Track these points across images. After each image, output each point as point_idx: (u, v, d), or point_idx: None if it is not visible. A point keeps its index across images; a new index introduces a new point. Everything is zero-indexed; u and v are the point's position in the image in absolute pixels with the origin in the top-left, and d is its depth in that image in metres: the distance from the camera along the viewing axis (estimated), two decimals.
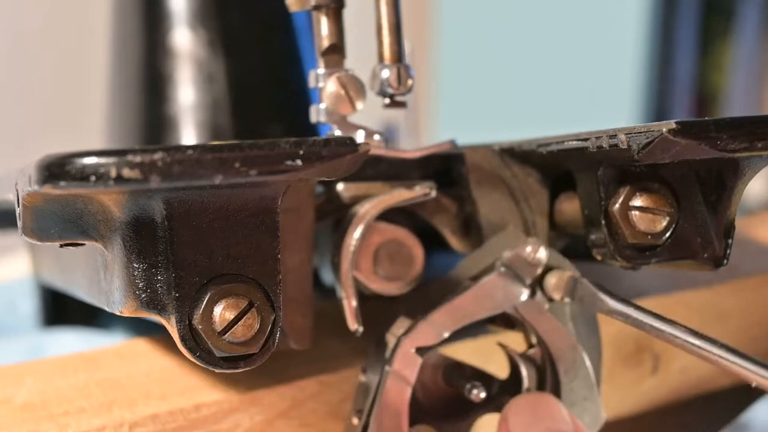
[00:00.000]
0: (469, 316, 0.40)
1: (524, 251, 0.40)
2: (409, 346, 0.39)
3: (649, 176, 0.39)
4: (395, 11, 0.44)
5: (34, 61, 1.35)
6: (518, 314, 0.40)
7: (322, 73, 0.44)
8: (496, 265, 0.40)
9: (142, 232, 0.33)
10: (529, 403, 0.39)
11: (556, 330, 0.41)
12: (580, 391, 0.41)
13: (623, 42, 1.55)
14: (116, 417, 0.39)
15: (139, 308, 0.33)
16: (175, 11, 0.64)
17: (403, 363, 0.39)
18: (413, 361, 0.39)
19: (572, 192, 0.42)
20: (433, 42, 1.77)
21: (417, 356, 0.39)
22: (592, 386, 0.41)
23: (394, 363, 0.39)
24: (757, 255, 0.60)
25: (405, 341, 0.39)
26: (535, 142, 0.42)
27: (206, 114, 0.63)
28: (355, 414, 0.40)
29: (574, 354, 0.41)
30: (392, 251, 0.43)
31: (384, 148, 0.43)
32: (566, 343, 0.41)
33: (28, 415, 0.39)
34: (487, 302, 0.40)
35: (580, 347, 0.41)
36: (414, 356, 0.39)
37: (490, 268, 0.40)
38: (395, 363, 0.39)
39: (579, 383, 0.41)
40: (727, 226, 0.40)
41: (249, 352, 0.33)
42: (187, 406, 0.40)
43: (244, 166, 0.30)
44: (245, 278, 0.33)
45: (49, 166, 0.29)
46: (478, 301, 0.40)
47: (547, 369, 0.41)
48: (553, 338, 0.41)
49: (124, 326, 0.62)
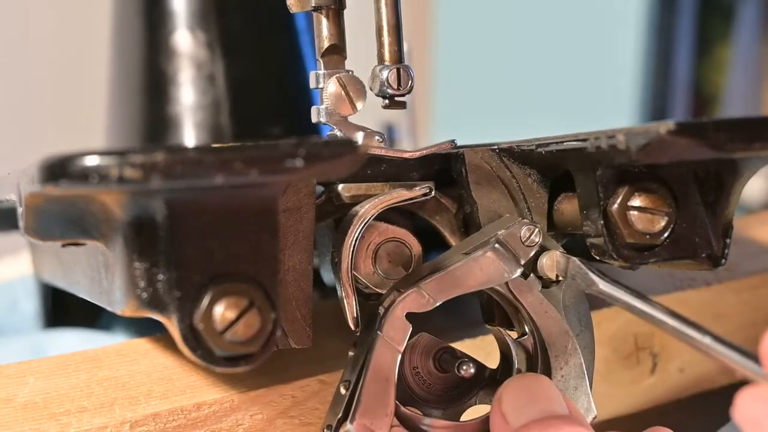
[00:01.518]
0: (459, 287, 0.40)
1: (519, 231, 0.40)
2: (399, 312, 0.39)
3: (648, 176, 0.39)
4: (395, 12, 0.45)
5: (36, 62, 1.35)
6: (510, 293, 0.41)
7: (323, 74, 0.44)
8: (490, 241, 0.40)
9: (144, 232, 0.33)
10: (524, 384, 0.39)
11: (548, 312, 0.41)
12: (570, 380, 0.41)
13: (622, 43, 1.55)
14: (117, 416, 0.39)
15: (140, 308, 0.33)
16: (175, 13, 0.64)
17: (393, 327, 0.39)
18: (403, 326, 0.39)
19: (571, 192, 0.42)
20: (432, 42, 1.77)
21: (407, 322, 0.39)
22: (584, 377, 0.41)
23: (384, 327, 0.39)
24: (756, 255, 0.60)
25: (395, 306, 0.39)
26: (534, 143, 0.42)
27: (206, 114, 0.64)
28: (343, 384, 0.40)
29: (565, 340, 0.41)
30: (392, 251, 0.43)
31: (384, 149, 0.43)
32: (557, 328, 0.41)
33: (29, 414, 0.39)
34: (479, 275, 0.40)
35: (572, 333, 0.41)
36: (404, 321, 0.39)
37: (485, 244, 0.41)
38: (385, 327, 0.39)
39: (570, 371, 0.41)
40: (726, 226, 0.40)
41: (249, 351, 0.33)
42: (188, 405, 0.40)
43: (244, 166, 0.30)
44: (246, 278, 0.33)
45: (51, 166, 0.29)
46: (470, 273, 0.40)
47: (538, 357, 0.42)
48: (545, 321, 0.41)
49: (125, 325, 0.62)
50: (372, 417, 0.38)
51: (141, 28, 0.66)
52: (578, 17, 1.60)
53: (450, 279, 0.40)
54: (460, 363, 0.41)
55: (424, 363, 0.42)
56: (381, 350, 0.39)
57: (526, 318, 0.41)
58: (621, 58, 1.56)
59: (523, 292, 0.41)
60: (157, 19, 0.65)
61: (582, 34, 1.60)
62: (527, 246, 0.40)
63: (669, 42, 1.60)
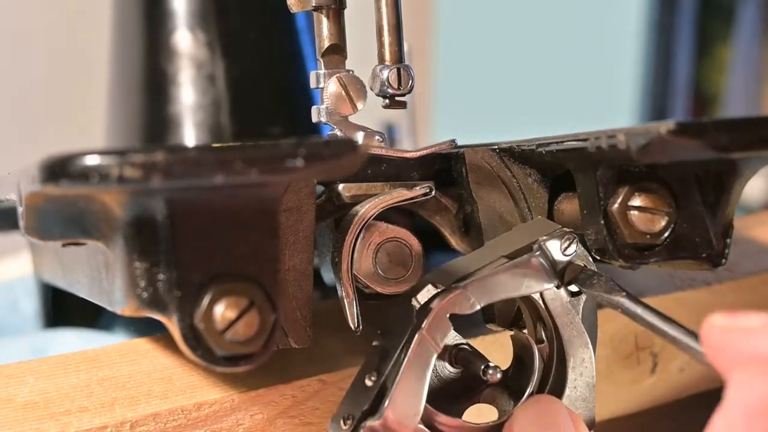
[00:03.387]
0: (503, 292, 0.39)
1: (561, 239, 0.40)
2: (442, 311, 0.38)
3: (648, 176, 0.39)
4: (395, 12, 0.45)
5: (36, 61, 1.35)
6: (542, 302, 0.40)
7: (323, 74, 0.44)
8: (534, 248, 0.40)
9: (144, 232, 0.33)
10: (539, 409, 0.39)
11: (574, 325, 0.41)
12: (581, 391, 0.41)
13: (622, 43, 1.55)
14: (118, 416, 0.39)
15: (141, 307, 0.33)
16: (176, 13, 0.64)
17: (435, 328, 0.38)
18: (444, 327, 0.38)
19: (571, 192, 0.42)
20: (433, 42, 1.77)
21: (449, 322, 0.38)
22: (593, 389, 0.41)
23: (425, 326, 0.38)
24: (756, 254, 0.60)
25: (440, 306, 0.38)
26: (534, 143, 0.42)
27: (206, 114, 0.64)
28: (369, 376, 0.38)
29: (584, 353, 0.41)
30: (392, 251, 0.43)
31: (384, 148, 0.43)
32: (580, 340, 0.41)
33: (30, 414, 0.39)
34: (521, 282, 0.39)
35: (591, 348, 0.41)
36: (447, 322, 0.38)
37: (527, 249, 0.40)
38: (427, 326, 0.38)
39: (582, 383, 0.41)
40: (726, 226, 0.40)
41: (250, 351, 0.33)
42: (189, 405, 0.40)
43: (245, 166, 0.30)
44: (246, 277, 0.33)
45: (51, 166, 0.29)
46: (513, 279, 0.39)
47: (552, 366, 0.41)
48: (569, 332, 0.41)
49: (126, 325, 0.62)
50: (401, 415, 0.37)
51: (141, 28, 0.66)
52: (578, 17, 1.60)
53: (495, 284, 0.39)
54: (486, 367, 0.40)
55: (440, 355, 0.42)
56: (420, 348, 0.37)
57: (549, 326, 0.41)
58: (621, 58, 1.56)
59: (554, 302, 0.40)
60: (157, 18, 0.65)
61: (582, 34, 1.60)
62: (565, 255, 0.40)
63: (669, 42, 1.60)
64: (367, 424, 0.37)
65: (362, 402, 0.38)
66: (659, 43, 1.59)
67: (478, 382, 0.42)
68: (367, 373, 0.39)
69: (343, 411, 0.39)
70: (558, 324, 0.41)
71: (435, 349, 0.38)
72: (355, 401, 0.38)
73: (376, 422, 0.37)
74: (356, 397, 0.39)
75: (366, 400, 0.38)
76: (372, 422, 0.37)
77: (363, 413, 0.37)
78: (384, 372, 0.38)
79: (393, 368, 0.38)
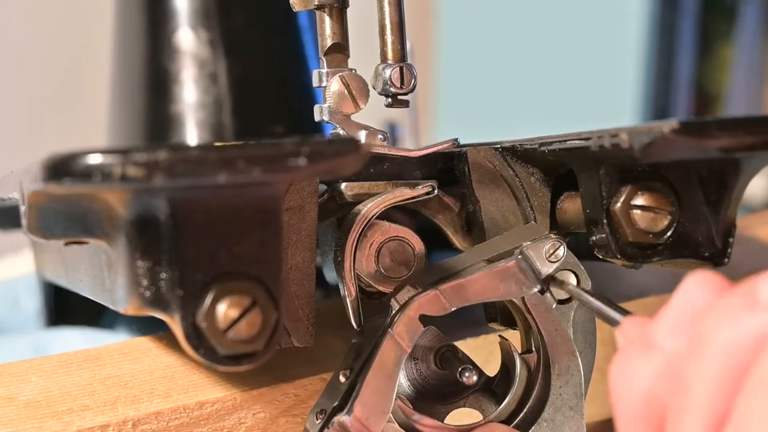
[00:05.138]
0: (478, 296, 0.39)
1: (545, 245, 0.40)
2: (413, 312, 0.38)
3: (651, 175, 0.39)
4: (398, 11, 0.45)
5: (38, 60, 1.35)
6: (525, 307, 0.40)
7: (326, 73, 0.44)
8: (514, 252, 0.40)
9: (146, 231, 0.33)
10: None
11: (559, 332, 0.41)
12: (568, 398, 0.41)
13: (624, 42, 1.55)
14: (120, 414, 0.39)
15: (143, 306, 0.33)
16: (178, 11, 0.64)
17: (405, 327, 0.38)
18: (414, 327, 0.38)
19: (574, 191, 0.42)
20: (435, 41, 1.77)
21: (419, 323, 0.38)
22: (581, 398, 0.41)
23: (395, 325, 0.38)
24: (758, 253, 0.60)
25: (410, 306, 0.38)
26: (537, 141, 0.42)
27: (209, 113, 0.64)
28: (342, 372, 0.39)
29: (570, 360, 0.41)
30: (394, 249, 0.43)
31: (387, 147, 0.43)
32: (565, 348, 0.41)
33: (32, 413, 0.39)
34: (499, 286, 0.39)
35: (578, 355, 0.41)
36: (416, 322, 0.38)
37: (508, 254, 0.40)
38: (397, 326, 0.38)
39: (569, 390, 0.41)
40: (728, 225, 0.40)
41: (252, 349, 0.33)
42: (191, 404, 0.40)
43: (247, 165, 0.30)
44: (249, 277, 0.33)
45: (54, 164, 0.29)
46: (490, 284, 0.39)
47: (539, 374, 0.41)
48: (553, 339, 0.41)
49: (128, 324, 0.62)
50: (369, 412, 0.37)
51: (143, 27, 0.66)
52: (580, 16, 1.60)
53: (470, 287, 0.39)
54: (463, 369, 0.41)
55: (425, 356, 0.42)
56: (388, 347, 0.38)
57: (535, 334, 0.41)
58: (623, 57, 1.56)
59: (536, 308, 0.40)
60: (159, 17, 0.65)
61: (584, 33, 1.60)
62: (550, 261, 0.40)
63: (671, 41, 1.60)
64: (337, 420, 0.37)
65: (334, 397, 0.38)
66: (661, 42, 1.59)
67: (465, 387, 0.42)
68: (342, 369, 0.39)
69: (317, 406, 0.39)
70: (542, 330, 0.41)
71: (404, 349, 0.38)
72: (328, 396, 0.39)
73: (345, 418, 0.37)
74: (330, 392, 0.39)
75: (338, 395, 0.38)
76: (341, 417, 0.37)
77: (333, 408, 0.38)
78: (356, 369, 0.38)
79: (364, 365, 0.38)
